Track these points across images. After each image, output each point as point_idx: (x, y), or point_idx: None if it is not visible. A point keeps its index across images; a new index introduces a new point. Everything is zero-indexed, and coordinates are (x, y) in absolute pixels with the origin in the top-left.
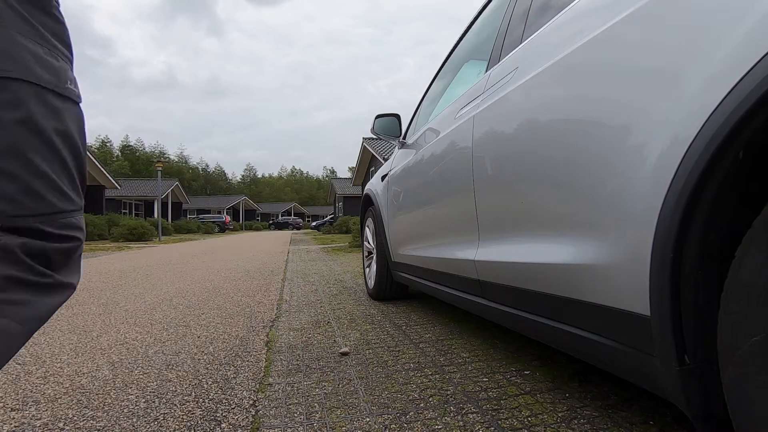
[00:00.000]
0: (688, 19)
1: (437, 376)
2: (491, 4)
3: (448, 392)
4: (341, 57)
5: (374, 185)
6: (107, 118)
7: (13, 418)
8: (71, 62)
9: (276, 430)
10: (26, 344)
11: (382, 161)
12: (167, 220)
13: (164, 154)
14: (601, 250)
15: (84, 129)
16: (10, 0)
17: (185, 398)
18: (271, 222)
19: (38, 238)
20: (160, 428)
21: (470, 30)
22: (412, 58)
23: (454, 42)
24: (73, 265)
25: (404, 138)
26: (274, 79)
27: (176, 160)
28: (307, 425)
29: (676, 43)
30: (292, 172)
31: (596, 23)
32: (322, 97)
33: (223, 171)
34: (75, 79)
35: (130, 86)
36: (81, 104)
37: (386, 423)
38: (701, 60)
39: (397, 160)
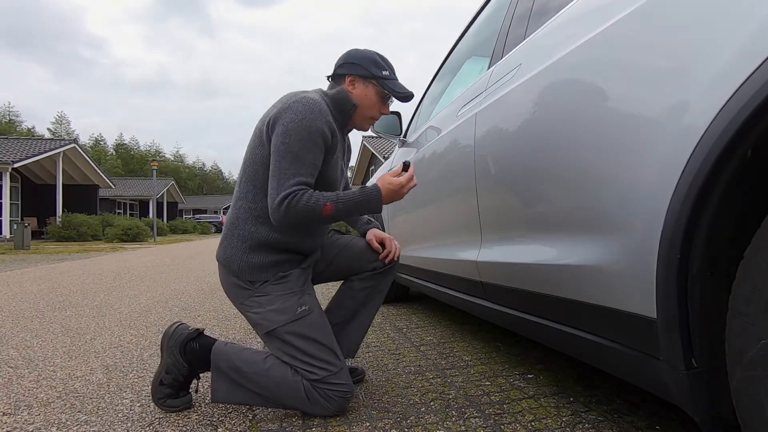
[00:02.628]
0: (696, 16)
1: (439, 379)
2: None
3: (450, 396)
4: (338, 55)
5: None
6: (101, 117)
7: (5, 423)
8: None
9: None
10: (18, 347)
11: (383, 160)
12: (162, 220)
13: (160, 152)
14: (606, 251)
15: (317, 325)
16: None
17: None
18: None
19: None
20: None
21: (472, 26)
22: (412, 55)
23: (456, 39)
24: (335, 400)
25: (405, 136)
26: (272, 77)
27: (172, 159)
28: (305, 429)
29: (683, 40)
30: None
31: (604, 19)
32: None
33: (220, 170)
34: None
35: (124, 85)
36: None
37: (386, 428)
38: (708, 57)
39: (397, 159)
